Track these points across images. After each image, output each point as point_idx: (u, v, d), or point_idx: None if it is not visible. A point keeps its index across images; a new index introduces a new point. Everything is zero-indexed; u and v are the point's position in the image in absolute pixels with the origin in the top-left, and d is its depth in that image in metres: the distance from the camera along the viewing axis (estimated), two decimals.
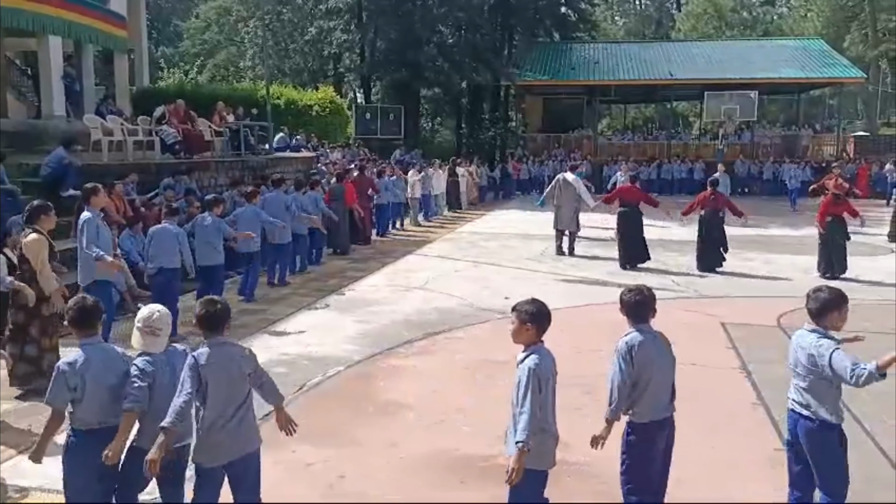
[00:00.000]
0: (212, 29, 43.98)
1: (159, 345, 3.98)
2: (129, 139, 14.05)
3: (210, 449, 3.79)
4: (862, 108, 49.93)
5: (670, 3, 63.76)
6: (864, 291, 11.07)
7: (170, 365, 3.97)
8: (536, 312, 3.95)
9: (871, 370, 3.81)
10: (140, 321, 3.94)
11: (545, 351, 3.93)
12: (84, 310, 3.96)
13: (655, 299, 4.28)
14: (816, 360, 4.00)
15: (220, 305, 3.90)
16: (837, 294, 4.18)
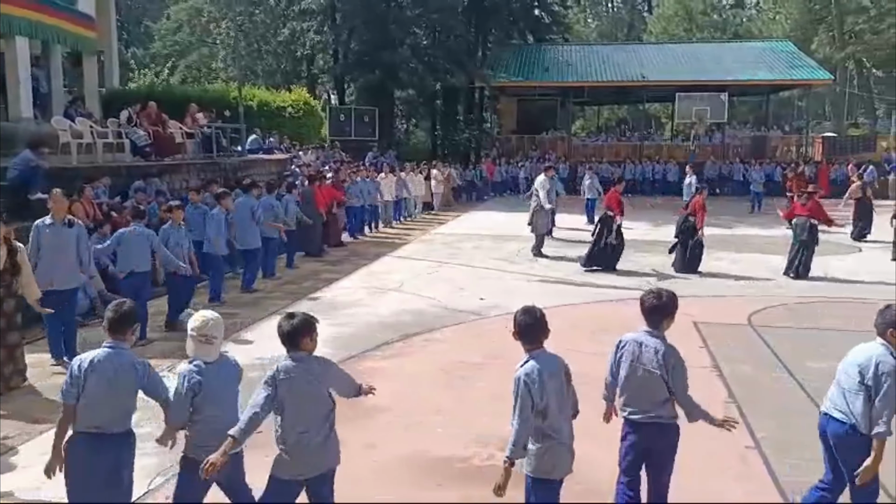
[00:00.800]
0: (183, 30, 43.52)
1: (213, 352, 3.95)
2: (99, 141, 13.85)
3: (292, 463, 3.78)
4: (829, 110, 50.79)
5: (642, 6, 64.39)
6: (833, 289, 11.29)
7: (221, 373, 3.96)
8: (523, 325, 3.85)
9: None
10: (193, 329, 3.89)
11: (545, 356, 3.83)
12: (117, 314, 3.93)
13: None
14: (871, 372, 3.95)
15: (298, 320, 3.85)
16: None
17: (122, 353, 3.92)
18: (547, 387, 3.71)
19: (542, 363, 3.76)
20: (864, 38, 43.79)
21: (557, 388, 3.78)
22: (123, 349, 3.94)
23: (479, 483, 4.81)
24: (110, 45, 19.69)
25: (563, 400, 3.82)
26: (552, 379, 3.76)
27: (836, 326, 8.99)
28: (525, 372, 3.72)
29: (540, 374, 3.71)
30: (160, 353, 7.83)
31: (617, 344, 4.24)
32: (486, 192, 28.23)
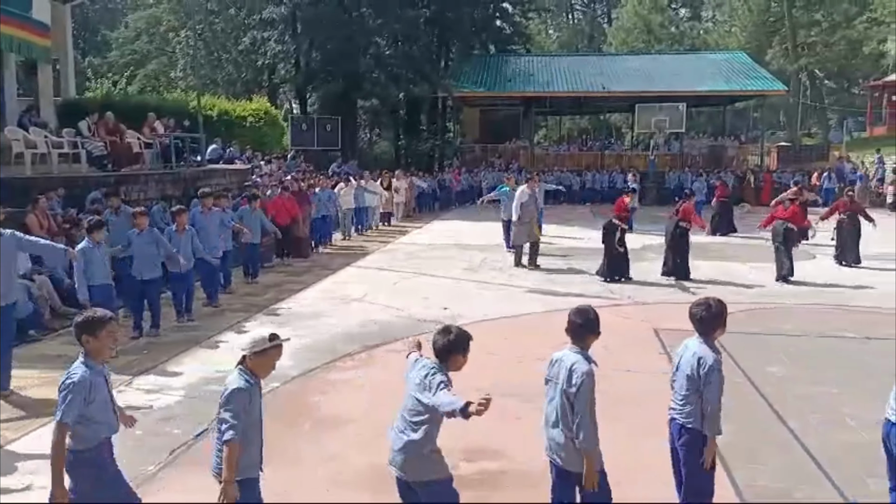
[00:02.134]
0: (141, 39, 42.90)
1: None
2: (54, 152, 13.58)
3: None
4: (784, 120, 52.10)
5: (602, 18, 65.44)
6: (787, 295, 11.53)
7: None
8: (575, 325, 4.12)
9: None
10: (245, 347, 3.92)
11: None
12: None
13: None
14: None
15: (454, 334, 3.94)
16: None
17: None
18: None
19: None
20: (817, 50, 45.11)
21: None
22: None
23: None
24: (66, 54, 19.36)
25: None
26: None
27: (794, 332, 9.18)
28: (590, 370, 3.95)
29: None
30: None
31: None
32: (450, 202, 28.28)
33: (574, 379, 3.90)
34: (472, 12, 37.80)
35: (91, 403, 3.83)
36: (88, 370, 3.87)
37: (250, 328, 9.48)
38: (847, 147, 36.35)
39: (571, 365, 3.96)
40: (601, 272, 12.78)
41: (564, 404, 3.97)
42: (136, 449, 5.63)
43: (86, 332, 3.92)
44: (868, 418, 6.09)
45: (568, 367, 3.96)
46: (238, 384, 3.81)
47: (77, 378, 3.82)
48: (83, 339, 3.92)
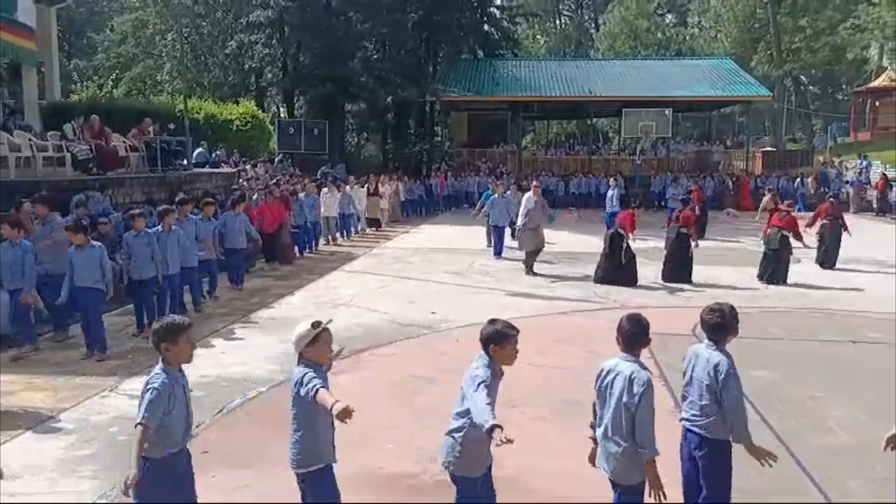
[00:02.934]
0: (128, 42, 42.60)
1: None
2: (39, 155, 13.48)
3: (478, 461, 3.98)
4: (769, 125, 52.50)
5: (589, 23, 65.73)
6: (771, 299, 11.61)
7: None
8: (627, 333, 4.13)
9: None
10: (297, 344, 4.09)
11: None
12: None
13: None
14: None
15: (497, 325, 4.07)
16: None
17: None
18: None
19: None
20: (801, 55, 45.49)
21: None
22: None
23: (430, 499, 4.79)
24: (51, 57, 19.23)
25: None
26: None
27: (779, 336, 9.25)
28: (649, 379, 3.91)
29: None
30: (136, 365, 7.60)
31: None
32: (437, 206, 28.27)
33: (635, 389, 3.85)
34: (459, 17, 37.84)
35: (169, 413, 3.80)
36: (169, 378, 3.85)
37: (237, 334, 9.44)
38: (831, 152, 36.69)
39: (630, 375, 3.90)
40: (600, 278, 12.86)
41: (621, 415, 3.91)
42: (120, 455, 5.59)
43: (166, 339, 3.88)
44: (852, 421, 6.14)
45: (627, 376, 3.91)
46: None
47: (158, 385, 3.78)
48: (162, 346, 3.88)
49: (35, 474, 5.27)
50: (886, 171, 28.87)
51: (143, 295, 9.29)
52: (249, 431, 6.08)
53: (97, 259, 8.24)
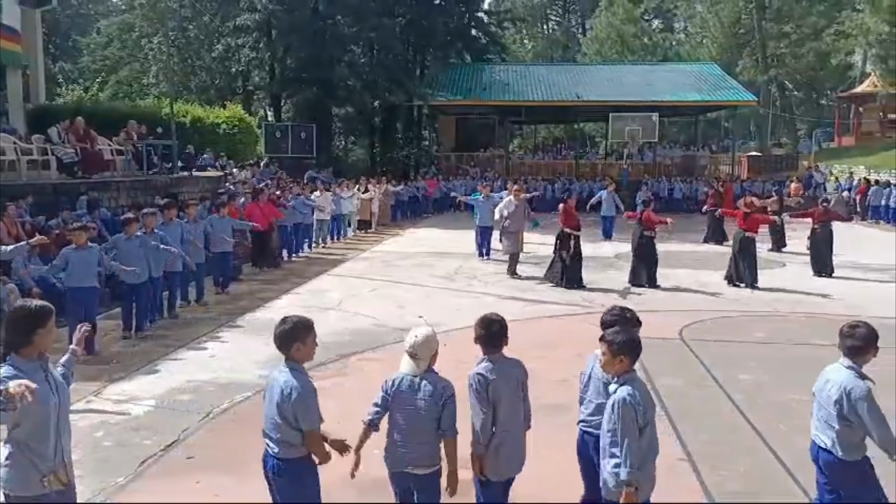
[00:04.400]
0: (114, 44, 42.39)
1: (415, 369, 4.03)
2: (23, 158, 13.38)
3: (501, 464, 3.96)
4: (754, 130, 52.89)
5: (576, 28, 66.01)
6: (756, 303, 11.68)
7: (421, 388, 3.96)
8: (629, 341, 3.80)
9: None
10: (406, 344, 4.05)
11: (639, 381, 3.81)
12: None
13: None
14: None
15: (499, 322, 4.09)
16: (874, 330, 4.16)
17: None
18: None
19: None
20: (786, 61, 45.90)
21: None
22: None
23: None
24: (36, 59, 19.12)
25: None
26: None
27: (765, 339, 9.30)
28: (626, 394, 3.69)
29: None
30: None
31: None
32: (427, 210, 28.28)
33: (615, 409, 3.71)
34: (447, 21, 37.92)
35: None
36: (305, 376, 3.87)
37: (225, 338, 9.40)
38: (816, 157, 37.02)
39: (623, 397, 3.72)
40: (556, 279, 13.02)
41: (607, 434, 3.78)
42: (104, 460, 5.55)
43: (298, 338, 3.87)
44: None
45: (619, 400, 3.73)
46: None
47: (308, 385, 3.84)
48: (294, 346, 3.85)
49: None
50: (869, 175, 29.11)
51: (138, 298, 9.35)
52: (236, 436, 6.04)
53: (96, 260, 8.37)
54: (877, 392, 3.95)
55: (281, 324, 3.90)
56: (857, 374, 4.00)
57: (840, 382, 4.00)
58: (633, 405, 3.63)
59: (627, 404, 3.62)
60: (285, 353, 3.87)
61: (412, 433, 3.93)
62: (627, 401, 3.63)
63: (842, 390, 3.97)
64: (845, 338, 4.11)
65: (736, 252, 13.09)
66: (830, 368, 4.18)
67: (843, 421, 3.97)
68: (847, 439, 3.99)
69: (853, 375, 3.99)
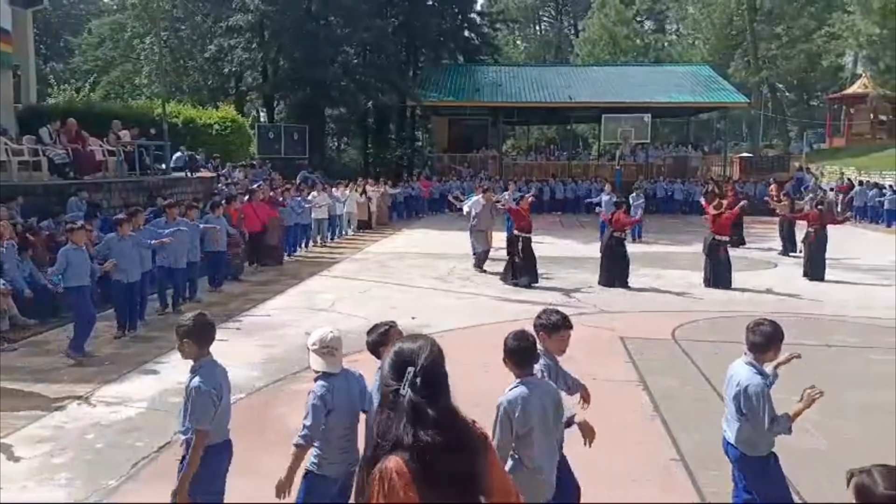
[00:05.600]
0: (106, 45, 42.21)
1: (337, 364, 4.00)
2: (14, 159, 13.32)
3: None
4: (746, 131, 53.10)
5: (569, 30, 66.15)
6: (747, 304, 11.73)
7: (347, 387, 3.98)
8: (514, 349, 3.78)
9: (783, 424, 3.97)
10: (315, 343, 3.95)
11: (533, 384, 3.72)
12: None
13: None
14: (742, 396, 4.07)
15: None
16: (780, 328, 4.23)
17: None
18: (533, 416, 3.61)
19: (524, 391, 3.66)
20: (777, 63, 46.09)
21: (545, 418, 3.68)
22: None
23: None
24: (27, 60, 19.04)
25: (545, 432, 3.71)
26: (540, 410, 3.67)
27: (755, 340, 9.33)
28: (504, 399, 3.64)
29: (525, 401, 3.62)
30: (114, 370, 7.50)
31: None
32: (422, 210, 28.31)
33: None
34: (440, 22, 37.96)
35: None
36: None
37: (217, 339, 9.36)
38: (807, 158, 37.18)
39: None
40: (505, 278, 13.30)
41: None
42: (96, 462, 5.53)
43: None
44: (827, 424, 6.22)
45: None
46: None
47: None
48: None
49: (8, 483, 5.20)
50: (860, 176, 29.29)
51: (130, 296, 9.48)
52: None
53: (89, 259, 8.53)
54: (877, 391, 3.98)
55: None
56: (756, 371, 4.11)
57: (739, 378, 4.13)
58: (507, 410, 3.59)
59: (503, 409, 3.60)
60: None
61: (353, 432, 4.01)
62: (503, 405, 3.61)
63: (740, 385, 4.09)
64: (749, 333, 4.20)
65: (706, 254, 13.13)
66: (734, 364, 4.28)
67: (742, 416, 4.10)
68: (748, 434, 4.10)
69: (752, 372, 4.11)
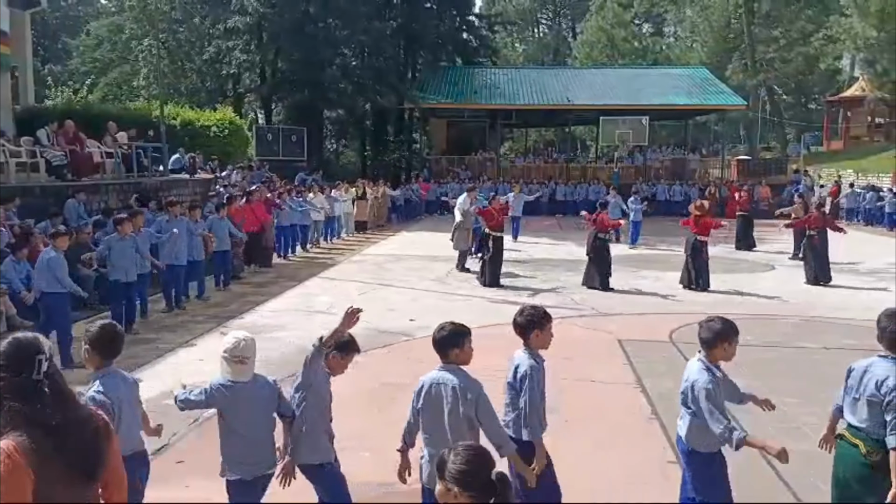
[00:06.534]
0: (103, 46, 42.21)
1: (247, 373, 3.98)
2: (12, 161, 13.30)
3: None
4: (744, 133, 53.12)
5: (567, 32, 66.24)
6: (745, 306, 11.74)
7: (256, 394, 3.99)
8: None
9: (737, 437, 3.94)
10: (226, 351, 3.94)
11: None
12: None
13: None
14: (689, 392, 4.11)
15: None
16: (730, 325, 4.26)
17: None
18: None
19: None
20: (775, 66, 46.11)
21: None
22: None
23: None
24: (25, 61, 19.02)
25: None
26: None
27: (752, 343, 9.34)
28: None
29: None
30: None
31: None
32: (420, 212, 28.33)
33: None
34: (438, 25, 37.98)
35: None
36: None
37: (214, 341, 9.36)
38: (805, 161, 37.24)
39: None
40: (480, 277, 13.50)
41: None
42: None
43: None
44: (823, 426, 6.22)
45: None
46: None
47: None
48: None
49: None
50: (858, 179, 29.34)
51: (128, 296, 9.65)
52: None
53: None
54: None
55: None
56: (704, 367, 4.13)
57: (689, 374, 4.18)
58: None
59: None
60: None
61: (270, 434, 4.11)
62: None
63: (688, 381, 4.13)
64: (700, 329, 4.25)
65: (688, 255, 13.13)
66: (690, 361, 4.31)
67: (690, 410, 4.12)
68: (696, 429, 4.11)
69: (701, 367, 4.13)
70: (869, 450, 3.89)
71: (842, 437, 4.14)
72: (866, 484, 3.92)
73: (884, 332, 3.95)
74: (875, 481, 3.86)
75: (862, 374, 4.05)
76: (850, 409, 4.11)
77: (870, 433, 3.90)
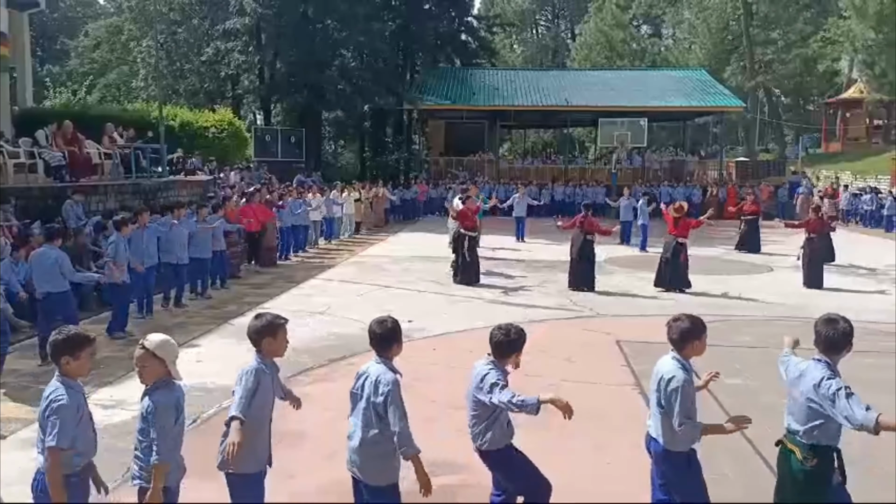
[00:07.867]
0: (102, 48, 42.28)
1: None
2: (10, 162, 13.29)
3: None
4: (742, 135, 53.17)
5: (565, 34, 66.29)
6: (744, 307, 11.76)
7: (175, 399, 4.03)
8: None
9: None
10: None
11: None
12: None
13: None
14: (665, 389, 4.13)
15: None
16: (698, 322, 4.28)
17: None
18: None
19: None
20: (773, 67, 46.20)
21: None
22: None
23: None
24: (23, 62, 19.02)
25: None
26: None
27: (751, 344, 9.35)
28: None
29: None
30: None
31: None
32: (418, 213, 28.34)
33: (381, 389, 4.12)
34: (437, 26, 37.99)
35: (78, 424, 3.73)
36: (70, 391, 3.76)
37: (212, 342, 9.36)
38: (803, 163, 37.27)
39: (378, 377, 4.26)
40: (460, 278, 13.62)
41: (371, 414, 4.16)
42: None
43: (66, 352, 3.79)
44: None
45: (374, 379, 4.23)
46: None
47: (64, 401, 3.68)
48: (63, 359, 3.77)
49: (3, 486, 5.17)
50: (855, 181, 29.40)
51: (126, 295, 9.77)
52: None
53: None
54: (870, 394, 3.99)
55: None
56: (680, 365, 4.16)
57: (662, 371, 4.20)
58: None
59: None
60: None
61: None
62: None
63: (662, 379, 4.16)
64: (668, 329, 4.29)
65: (668, 257, 13.10)
66: (662, 358, 4.33)
67: (662, 409, 4.14)
68: (668, 428, 4.12)
69: (676, 366, 4.16)
70: (805, 456, 3.93)
71: (781, 442, 4.17)
72: (800, 489, 3.97)
73: (819, 335, 4.06)
74: (809, 487, 3.92)
75: (798, 377, 4.10)
76: (788, 410, 4.16)
77: (807, 439, 3.94)
